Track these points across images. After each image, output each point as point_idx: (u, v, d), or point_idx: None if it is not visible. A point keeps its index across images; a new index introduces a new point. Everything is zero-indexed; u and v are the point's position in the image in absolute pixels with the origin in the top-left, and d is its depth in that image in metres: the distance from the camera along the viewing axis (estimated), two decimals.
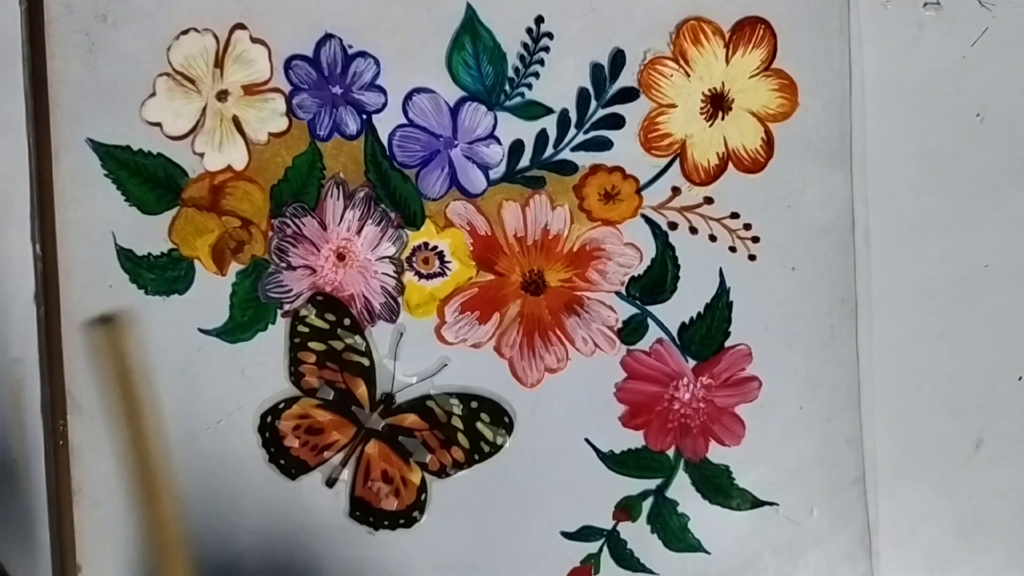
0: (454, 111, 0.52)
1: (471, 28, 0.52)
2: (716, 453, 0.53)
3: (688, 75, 0.52)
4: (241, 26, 0.52)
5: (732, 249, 0.53)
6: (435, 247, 0.53)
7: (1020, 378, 0.52)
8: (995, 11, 0.52)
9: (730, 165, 0.52)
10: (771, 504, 0.53)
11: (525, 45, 0.52)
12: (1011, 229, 0.52)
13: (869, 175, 0.52)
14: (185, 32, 0.52)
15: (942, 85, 0.52)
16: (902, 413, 0.53)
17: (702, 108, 0.52)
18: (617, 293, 0.53)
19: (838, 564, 0.53)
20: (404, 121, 0.52)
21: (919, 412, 0.50)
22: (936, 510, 0.54)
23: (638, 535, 0.50)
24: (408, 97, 0.52)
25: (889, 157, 0.52)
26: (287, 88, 0.52)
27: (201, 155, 0.52)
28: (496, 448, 0.53)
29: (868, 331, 0.52)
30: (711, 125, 0.52)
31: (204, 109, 0.52)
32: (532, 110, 0.52)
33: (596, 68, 0.52)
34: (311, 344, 0.53)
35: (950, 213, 0.52)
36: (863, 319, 0.53)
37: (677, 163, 0.52)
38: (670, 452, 0.53)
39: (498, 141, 0.52)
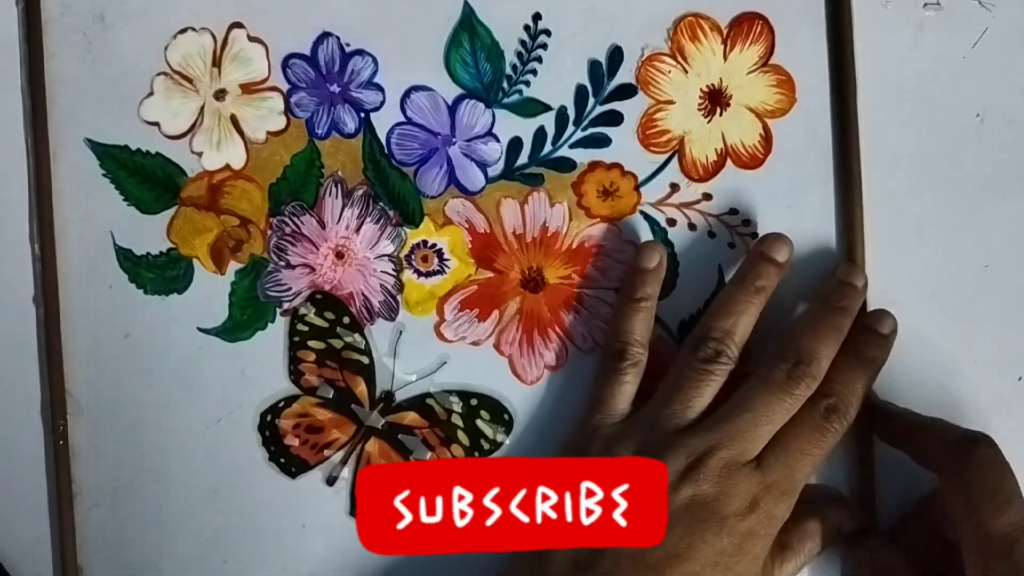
0: (452, 109, 0.52)
1: (469, 26, 0.51)
2: None
3: (686, 71, 0.52)
4: (239, 25, 0.52)
5: (731, 245, 0.53)
6: (434, 245, 0.53)
7: (1020, 378, 0.52)
8: (995, 11, 0.51)
9: (728, 161, 0.52)
10: None
11: (523, 42, 0.52)
12: (1011, 229, 0.52)
13: (869, 175, 0.51)
14: (182, 31, 0.52)
15: (942, 85, 0.51)
16: None
17: (700, 104, 0.52)
18: (616, 290, 0.53)
19: (838, 564, 0.53)
20: (402, 119, 0.52)
21: (919, 412, 0.50)
22: None
23: None
24: (406, 95, 0.52)
25: (889, 157, 0.52)
26: (285, 87, 0.52)
27: (199, 154, 0.52)
28: (496, 445, 0.53)
29: None
30: (709, 121, 0.52)
31: (202, 108, 0.52)
32: (530, 107, 0.52)
33: (594, 65, 0.52)
34: (310, 342, 0.53)
35: (950, 213, 0.52)
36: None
37: (675, 159, 0.52)
38: None
39: (496, 139, 0.52)
